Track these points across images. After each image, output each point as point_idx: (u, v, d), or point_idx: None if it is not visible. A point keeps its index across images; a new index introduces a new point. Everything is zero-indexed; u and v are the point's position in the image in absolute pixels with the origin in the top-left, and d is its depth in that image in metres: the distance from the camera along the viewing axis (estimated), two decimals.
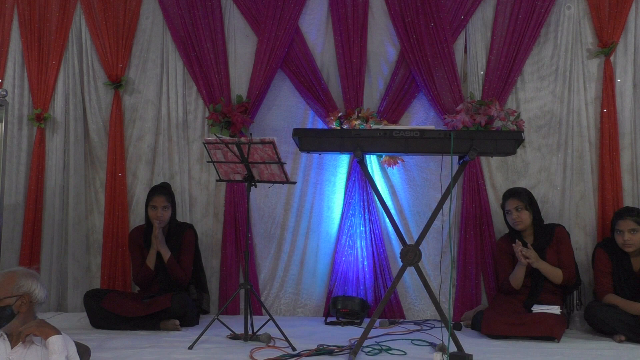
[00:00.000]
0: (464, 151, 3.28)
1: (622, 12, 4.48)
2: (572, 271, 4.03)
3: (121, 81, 4.81)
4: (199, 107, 4.83)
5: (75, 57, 4.88)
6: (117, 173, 4.76)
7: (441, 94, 4.54)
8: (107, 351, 3.35)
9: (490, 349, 3.52)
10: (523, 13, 4.53)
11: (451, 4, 4.59)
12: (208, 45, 4.73)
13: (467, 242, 4.48)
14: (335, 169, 4.72)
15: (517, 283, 4.02)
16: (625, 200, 4.42)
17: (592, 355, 3.41)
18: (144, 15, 4.89)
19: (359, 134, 3.37)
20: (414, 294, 4.55)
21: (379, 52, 4.72)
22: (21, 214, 4.79)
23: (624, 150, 4.48)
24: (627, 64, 4.52)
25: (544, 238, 4.09)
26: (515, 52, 4.52)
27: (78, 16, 4.91)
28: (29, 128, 4.89)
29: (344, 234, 4.58)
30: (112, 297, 4.08)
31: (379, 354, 3.38)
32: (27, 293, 2.59)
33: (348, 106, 4.61)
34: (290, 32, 4.68)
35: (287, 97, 4.81)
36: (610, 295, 3.92)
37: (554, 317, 3.77)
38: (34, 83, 4.87)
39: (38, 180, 4.78)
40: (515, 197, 4.12)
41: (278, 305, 4.66)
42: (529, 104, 4.59)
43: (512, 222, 4.12)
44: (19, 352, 2.55)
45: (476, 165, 4.51)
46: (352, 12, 4.66)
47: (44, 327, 2.52)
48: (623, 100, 4.50)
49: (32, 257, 4.70)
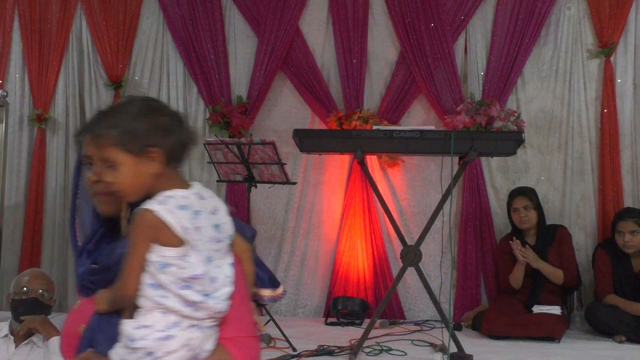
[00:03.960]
0: (464, 151, 3.29)
1: (622, 12, 4.47)
2: (574, 272, 4.03)
3: (122, 82, 4.82)
4: (199, 108, 4.83)
5: (75, 57, 4.89)
6: None
7: (441, 95, 4.54)
8: None
9: (491, 349, 3.52)
10: (523, 13, 4.53)
11: (451, 5, 4.59)
12: (208, 46, 4.74)
13: (468, 243, 4.48)
14: (335, 170, 4.72)
15: (516, 282, 4.01)
16: (625, 201, 4.41)
17: (593, 355, 3.41)
18: (145, 15, 4.90)
19: (359, 134, 3.37)
20: (414, 295, 4.55)
21: (379, 52, 4.72)
22: (22, 214, 4.80)
23: (625, 151, 4.47)
24: (627, 64, 4.52)
25: (547, 238, 4.09)
26: (515, 52, 4.52)
27: (79, 17, 4.92)
28: (30, 129, 4.90)
29: (345, 234, 4.58)
30: None
31: (380, 355, 3.38)
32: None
33: (348, 107, 4.61)
34: (290, 33, 4.68)
35: (287, 98, 4.81)
36: (611, 296, 3.92)
37: (555, 318, 3.77)
38: (35, 84, 4.87)
39: (38, 180, 4.79)
40: (524, 195, 4.12)
41: (278, 305, 4.66)
42: (529, 105, 4.59)
43: (519, 220, 4.11)
44: (22, 352, 2.55)
45: (476, 165, 4.51)
46: (352, 13, 4.66)
47: (47, 325, 2.55)
48: (623, 101, 4.50)
49: (33, 258, 4.70)
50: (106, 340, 1.29)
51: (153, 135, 1.29)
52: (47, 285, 2.72)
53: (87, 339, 1.33)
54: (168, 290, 1.25)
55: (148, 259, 1.26)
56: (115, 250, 1.35)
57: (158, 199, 1.27)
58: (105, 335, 1.30)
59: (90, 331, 1.33)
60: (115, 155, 1.29)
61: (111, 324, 1.30)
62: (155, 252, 1.26)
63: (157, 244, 1.26)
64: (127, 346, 1.24)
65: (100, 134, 1.29)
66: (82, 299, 1.41)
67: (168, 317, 1.25)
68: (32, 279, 2.70)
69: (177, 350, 1.24)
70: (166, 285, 1.25)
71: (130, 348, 1.24)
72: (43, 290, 2.67)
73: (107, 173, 1.31)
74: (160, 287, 1.25)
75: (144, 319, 1.25)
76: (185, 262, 1.26)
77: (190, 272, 1.26)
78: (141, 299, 1.26)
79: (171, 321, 1.25)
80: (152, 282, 1.26)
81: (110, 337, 1.29)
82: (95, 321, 1.33)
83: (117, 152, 1.28)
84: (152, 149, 1.29)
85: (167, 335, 1.24)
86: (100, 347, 1.30)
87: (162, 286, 1.25)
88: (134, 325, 1.25)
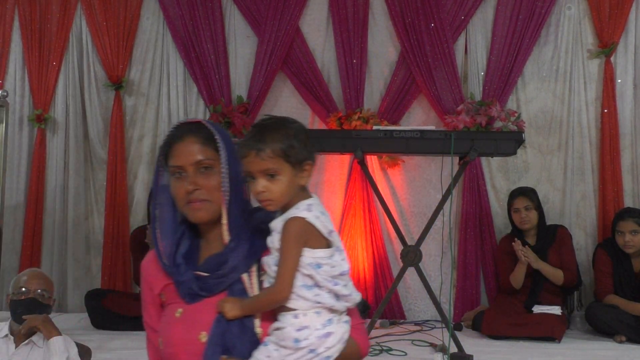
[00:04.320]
0: (465, 152, 3.29)
1: (622, 12, 4.47)
2: (574, 272, 4.03)
3: (122, 82, 4.81)
4: (199, 108, 4.83)
5: (75, 58, 4.89)
6: (117, 174, 4.76)
7: (441, 95, 4.54)
8: (109, 352, 3.35)
9: (491, 349, 3.52)
10: (523, 14, 4.53)
11: (451, 5, 4.59)
12: (208, 46, 4.74)
13: (468, 243, 4.48)
14: (335, 170, 4.72)
15: (517, 282, 4.01)
16: (625, 201, 4.41)
17: (593, 355, 3.41)
18: (145, 16, 4.90)
19: (359, 134, 3.37)
20: (414, 295, 4.55)
21: (380, 52, 4.72)
22: (22, 214, 4.80)
23: (625, 151, 4.47)
24: (627, 64, 4.52)
25: (547, 239, 4.09)
26: (515, 52, 4.52)
27: (79, 17, 4.91)
28: (30, 129, 4.90)
29: (345, 234, 4.58)
30: (113, 297, 4.08)
31: (380, 355, 3.38)
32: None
33: (348, 107, 4.61)
34: (290, 33, 4.68)
35: (287, 98, 4.81)
36: (611, 296, 3.92)
37: (555, 318, 3.78)
38: (35, 84, 4.87)
39: (38, 181, 4.79)
40: (525, 196, 4.12)
41: None
42: (529, 105, 4.59)
43: (520, 220, 4.10)
44: (22, 352, 2.55)
45: (477, 165, 4.51)
46: (353, 13, 4.66)
47: (48, 324, 2.55)
48: (623, 101, 4.50)
49: (33, 258, 4.70)
50: (242, 345, 1.37)
51: (308, 150, 1.43)
52: (46, 285, 2.72)
53: (215, 345, 1.37)
54: (323, 287, 1.38)
55: (302, 262, 1.37)
56: (228, 261, 1.42)
57: (304, 207, 1.40)
58: (241, 340, 1.37)
59: (218, 337, 1.37)
60: (278, 165, 1.39)
61: (244, 329, 1.38)
62: (309, 255, 1.38)
63: (307, 247, 1.38)
64: (288, 347, 1.35)
65: (267, 146, 1.39)
66: (186, 305, 1.43)
67: (322, 316, 1.38)
68: (30, 279, 2.69)
69: (334, 345, 1.37)
70: (321, 283, 1.37)
71: (292, 349, 1.34)
72: (41, 290, 2.67)
73: (261, 182, 1.40)
74: (314, 287, 1.38)
75: (303, 320, 1.37)
76: (333, 260, 1.40)
77: (339, 270, 1.40)
78: (296, 301, 1.37)
79: (326, 319, 1.38)
80: (304, 284, 1.37)
81: (247, 341, 1.37)
82: (224, 327, 1.37)
83: (281, 163, 1.40)
84: (307, 163, 1.43)
85: (326, 333, 1.36)
86: (238, 352, 1.36)
87: (316, 285, 1.37)
88: (295, 327, 1.36)
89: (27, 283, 2.67)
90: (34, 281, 2.68)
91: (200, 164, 1.44)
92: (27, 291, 2.64)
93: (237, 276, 1.42)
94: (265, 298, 1.39)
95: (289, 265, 1.36)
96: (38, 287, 2.67)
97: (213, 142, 1.46)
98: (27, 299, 2.62)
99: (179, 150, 1.46)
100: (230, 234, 1.44)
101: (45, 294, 2.69)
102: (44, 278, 2.74)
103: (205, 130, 1.48)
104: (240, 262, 1.42)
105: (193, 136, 1.47)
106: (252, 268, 1.44)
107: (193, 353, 1.38)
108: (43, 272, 2.86)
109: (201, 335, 1.39)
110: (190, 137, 1.46)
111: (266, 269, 1.41)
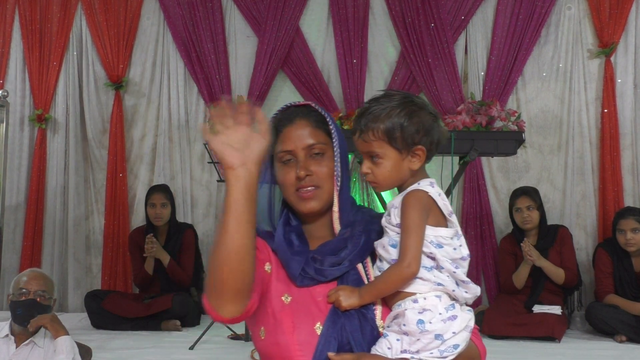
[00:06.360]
0: (465, 151, 3.29)
1: (622, 12, 4.48)
2: (575, 272, 4.03)
3: (122, 82, 4.82)
4: (199, 108, 4.83)
5: (76, 58, 4.89)
6: (117, 174, 4.76)
7: (442, 95, 4.55)
8: (109, 352, 3.35)
9: (491, 349, 3.48)
10: (523, 13, 4.53)
11: (452, 5, 4.59)
12: (209, 46, 4.74)
13: (468, 243, 4.40)
14: None
15: (520, 282, 4.01)
16: (626, 201, 4.42)
17: (593, 355, 3.41)
18: (145, 16, 4.90)
19: None
20: None
21: (380, 52, 4.73)
22: (22, 214, 4.80)
23: (625, 151, 4.48)
24: (627, 64, 4.52)
25: (548, 239, 4.08)
26: (515, 52, 4.52)
27: (79, 17, 4.92)
28: (30, 129, 4.90)
29: None
30: (113, 298, 4.08)
31: None
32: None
33: (348, 106, 4.61)
34: (290, 33, 4.68)
35: (287, 98, 4.80)
36: (611, 296, 3.92)
37: (555, 318, 3.77)
38: (35, 84, 4.87)
39: (39, 180, 4.79)
40: (527, 195, 4.11)
41: None
42: (529, 105, 4.59)
43: (522, 220, 4.10)
44: (22, 352, 2.56)
45: (477, 165, 4.51)
46: (353, 13, 4.66)
47: (56, 323, 2.55)
48: (624, 101, 4.50)
49: (33, 258, 4.71)
50: (364, 339, 1.27)
51: (419, 134, 1.31)
52: (46, 285, 2.71)
53: (330, 338, 1.27)
54: (443, 270, 1.27)
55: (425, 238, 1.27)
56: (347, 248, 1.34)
57: (426, 183, 1.31)
58: (363, 334, 1.28)
59: (333, 329, 1.27)
60: (381, 149, 1.31)
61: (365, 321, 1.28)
62: (430, 233, 1.28)
63: (428, 225, 1.28)
64: (411, 332, 1.23)
65: (369, 129, 1.31)
66: (295, 290, 1.33)
67: (443, 300, 1.26)
68: (30, 280, 2.68)
69: (460, 331, 1.25)
70: (442, 263, 1.27)
71: (416, 334, 1.23)
72: (42, 291, 2.66)
73: (367, 164, 1.34)
74: (434, 268, 1.27)
75: (423, 303, 1.26)
76: (455, 242, 1.31)
77: (461, 253, 1.31)
78: (415, 284, 1.26)
79: (448, 303, 1.26)
80: (424, 265, 1.27)
81: (368, 334, 1.28)
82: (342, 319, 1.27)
83: (384, 146, 1.31)
84: (418, 147, 1.32)
85: (451, 316, 1.25)
86: (358, 346, 1.26)
87: (437, 266, 1.27)
88: (417, 310, 1.25)
89: (27, 284, 2.66)
90: (34, 282, 2.68)
91: (312, 149, 1.37)
92: (27, 292, 2.64)
93: (353, 265, 1.33)
94: (389, 276, 1.27)
95: (414, 236, 1.25)
96: (38, 287, 2.66)
97: (324, 125, 1.40)
98: (27, 299, 2.62)
99: (289, 134, 1.38)
100: (340, 223, 1.36)
101: (46, 295, 2.68)
102: (44, 278, 2.74)
103: (315, 113, 1.41)
104: (358, 251, 1.34)
105: (304, 119, 1.39)
106: (367, 259, 1.36)
107: (308, 343, 1.28)
108: (43, 272, 2.85)
109: (316, 326, 1.29)
110: (301, 120, 1.39)
111: (380, 252, 1.31)
